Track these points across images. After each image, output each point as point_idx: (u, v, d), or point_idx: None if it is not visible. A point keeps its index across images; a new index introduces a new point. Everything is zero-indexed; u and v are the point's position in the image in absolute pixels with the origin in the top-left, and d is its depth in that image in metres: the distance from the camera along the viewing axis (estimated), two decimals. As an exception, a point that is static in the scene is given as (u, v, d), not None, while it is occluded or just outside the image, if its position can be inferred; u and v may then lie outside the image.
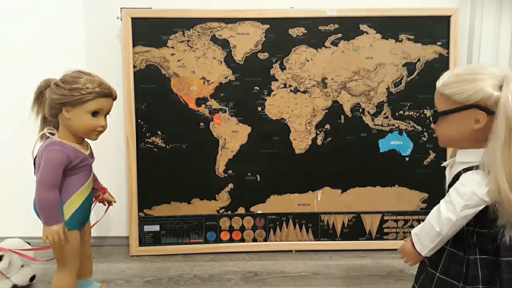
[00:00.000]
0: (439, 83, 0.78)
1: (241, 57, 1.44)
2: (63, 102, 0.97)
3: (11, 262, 1.20)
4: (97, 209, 1.19)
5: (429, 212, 1.21)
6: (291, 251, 1.49)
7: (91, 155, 1.07)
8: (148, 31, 1.41)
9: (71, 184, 1.01)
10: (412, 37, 1.44)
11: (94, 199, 1.10)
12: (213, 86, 1.44)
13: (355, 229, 1.49)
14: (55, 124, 1.04)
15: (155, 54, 1.42)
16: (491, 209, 0.73)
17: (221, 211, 1.48)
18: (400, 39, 1.44)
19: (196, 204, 1.47)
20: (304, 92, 1.45)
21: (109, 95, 1.01)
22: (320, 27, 1.43)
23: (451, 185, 0.78)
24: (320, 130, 1.46)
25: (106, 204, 1.16)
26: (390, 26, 1.43)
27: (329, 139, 1.47)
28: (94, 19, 1.47)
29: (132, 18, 1.40)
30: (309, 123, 1.46)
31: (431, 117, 0.86)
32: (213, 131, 1.45)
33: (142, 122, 1.44)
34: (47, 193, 0.96)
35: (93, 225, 1.17)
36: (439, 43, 1.44)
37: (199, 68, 1.43)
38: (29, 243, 1.27)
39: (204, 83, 1.44)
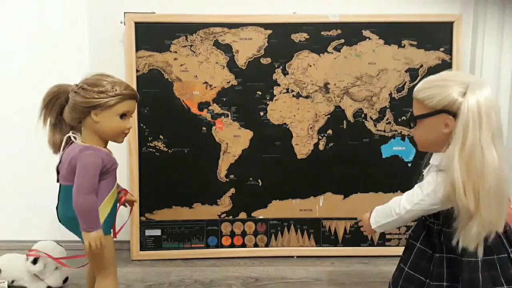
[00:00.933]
0: (419, 87, 0.82)
1: (243, 62, 1.44)
2: (93, 105, 0.96)
3: (46, 264, 1.23)
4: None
5: None
6: (293, 256, 1.48)
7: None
8: (151, 35, 1.42)
9: (102, 188, 0.98)
10: (415, 43, 1.44)
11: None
12: (216, 90, 1.44)
13: (357, 235, 1.48)
14: (68, 129, 1.03)
15: (158, 59, 1.43)
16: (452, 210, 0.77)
17: (222, 216, 1.48)
18: (402, 45, 1.44)
19: (197, 209, 1.47)
20: (306, 97, 1.45)
21: (135, 97, 1.01)
22: (322, 33, 1.43)
23: None
24: (322, 135, 1.46)
25: (128, 205, 1.12)
26: (392, 32, 1.43)
27: (331, 144, 1.46)
28: (98, 23, 1.48)
29: (136, 23, 1.41)
30: (311, 128, 1.46)
31: (409, 122, 0.88)
32: (215, 136, 1.45)
33: (144, 126, 1.45)
34: (87, 198, 0.94)
35: (119, 229, 1.10)
36: (442, 49, 1.44)
37: (202, 72, 1.44)
38: (61, 245, 1.28)
39: (206, 88, 1.44)
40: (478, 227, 0.74)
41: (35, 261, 1.21)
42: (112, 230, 1.04)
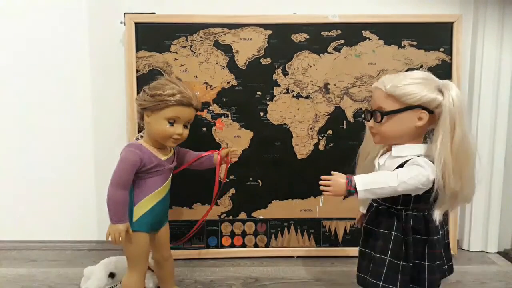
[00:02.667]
0: (386, 85, 0.87)
1: (243, 62, 1.44)
2: (145, 107, 1.03)
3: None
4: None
5: None
6: (293, 257, 1.49)
7: (171, 160, 1.09)
8: (151, 36, 1.42)
9: (145, 186, 1.03)
10: (415, 43, 1.44)
11: (220, 166, 1.11)
12: (216, 91, 1.44)
13: (357, 235, 1.48)
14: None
15: (158, 59, 1.43)
16: (428, 194, 0.87)
17: (222, 216, 1.48)
18: (402, 45, 1.44)
19: (197, 209, 1.47)
20: (307, 97, 1.45)
21: (188, 104, 1.02)
22: (322, 33, 1.43)
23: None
24: (322, 135, 1.46)
25: (226, 162, 1.15)
26: (392, 32, 1.43)
27: (331, 144, 1.46)
28: (98, 24, 1.48)
29: (136, 23, 1.41)
30: (311, 128, 1.46)
31: (371, 117, 0.91)
32: (215, 136, 1.46)
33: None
34: (116, 191, 0.99)
35: (187, 237, 1.23)
36: (442, 49, 1.44)
37: (202, 73, 1.44)
38: None
39: (206, 88, 1.44)
40: (459, 203, 0.89)
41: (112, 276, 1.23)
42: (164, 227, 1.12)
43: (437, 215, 0.88)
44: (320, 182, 0.89)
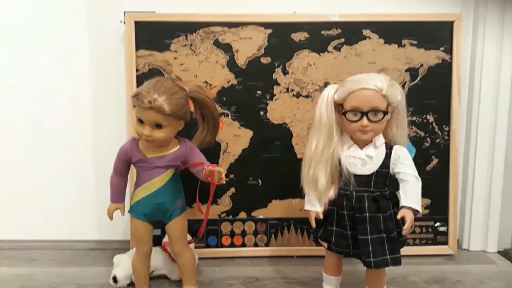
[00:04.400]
0: (381, 88, 0.97)
1: (243, 61, 1.44)
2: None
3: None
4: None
5: (432, 218, 1.30)
6: (293, 256, 1.48)
7: (165, 159, 1.10)
8: (151, 35, 1.42)
9: (138, 178, 1.13)
10: (415, 42, 1.43)
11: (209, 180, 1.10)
12: (216, 90, 1.44)
13: (357, 234, 1.48)
14: None
15: (158, 58, 1.43)
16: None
17: (222, 215, 1.48)
18: (403, 44, 1.44)
19: (197, 208, 1.46)
20: (307, 96, 1.45)
21: (146, 107, 1.02)
22: (322, 32, 1.43)
23: (386, 161, 1.02)
24: (322, 135, 1.46)
25: (211, 181, 1.10)
26: (393, 31, 1.43)
27: (332, 144, 1.46)
28: (98, 22, 1.48)
29: (135, 22, 1.41)
30: (311, 127, 1.46)
31: (362, 116, 1.00)
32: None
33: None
34: (112, 175, 1.16)
35: (202, 230, 1.22)
36: (442, 48, 1.44)
37: (202, 72, 1.43)
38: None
39: (206, 87, 1.44)
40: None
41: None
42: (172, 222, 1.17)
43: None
44: (407, 231, 0.99)
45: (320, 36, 1.43)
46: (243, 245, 1.49)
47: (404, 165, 1.02)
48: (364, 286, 1.15)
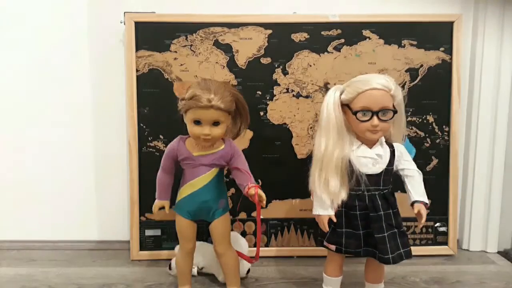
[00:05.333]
0: (390, 88, 0.99)
1: (243, 62, 1.44)
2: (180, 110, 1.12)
3: None
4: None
5: (432, 218, 1.30)
6: (293, 257, 1.48)
7: (210, 158, 1.13)
8: (151, 35, 1.42)
9: (184, 176, 1.15)
10: (415, 42, 1.44)
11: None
12: (216, 90, 1.44)
13: (357, 235, 1.48)
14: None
15: (158, 58, 1.43)
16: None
17: (222, 215, 1.48)
18: (403, 44, 1.44)
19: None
20: (307, 97, 1.45)
21: (200, 106, 1.05)
22: (322, 32, 1.43)
23: (391, 159, 1.05)
24: (322, 135, 1.46)
25: (254, 201, 1.10)
26: (393, 32, 1.43)
27: (331, 144, 1.46)
28: (98, 23, 1.48)
29: (136, 22, 1.41)
30: (311, 128, 1.46)
31: (372, 115, 1.00)
32: (215, 136, 1.45)
33: (144, 126, 1.45)
34: (159, 172, 1.19)
35: (257, 253, 1.14)
36: (442, 48, 1.44)
37: (202, 72, 1.44)
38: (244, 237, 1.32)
39: (206, 88, 1.44)
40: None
41: None
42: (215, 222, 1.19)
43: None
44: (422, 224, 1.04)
45: (320, 36, 1.43)
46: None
47: (407, 161, 1.07)
48: (363, 286, 1.15)
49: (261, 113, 1.46)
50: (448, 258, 1.48)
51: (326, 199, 1.02)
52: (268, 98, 1.45)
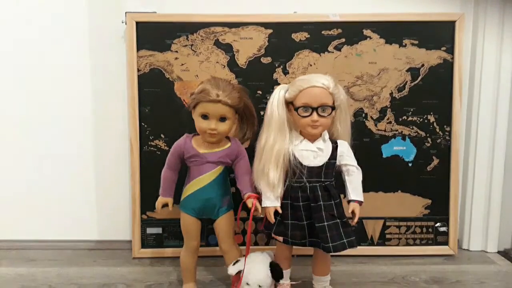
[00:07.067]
0: (329, 86, 1.06)
1: (244, 62, 1.44)
2: (189, 107, 1.16)
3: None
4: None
5: (432, 218, 1.30)
6: (293, 256, 1.48)
7: (217, 155, 1.15)
8: (152, 35, 1.42)
9: (190, 173, 1.17)
10: (416, 42, 1.44)
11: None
12: (216, 90, 1.44)
13: (356, 234, 1.47)
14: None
15: (159, 58, 1.43)
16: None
17: (223, 215, 1.48)
18: (404, 44, 1.44)
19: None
20: (307, 96, 1.45)
21: (212, 100, 1.08)
22: (323, 32, 1.43)
23: (334, 154, 1.12)
24: (323, 135, 1.46)
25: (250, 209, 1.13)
26: (394, 31, 1.43)
27: (332, 144, 1.46)
28: (99, 23, 1.48)
29: (137, 22, 1.41)
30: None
31: (312, 111, 1.07)
32: (215, 135, 1.45)
33: (145, 125, 1.45)
34: (164, 169, 1.19)
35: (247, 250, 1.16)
36: (443, 48, 1.44)
37: (203, 72, 1.44)
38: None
39: (207, 87, 1.44)
40: None
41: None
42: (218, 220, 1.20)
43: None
44: (355, 223, 1.11)
45: (321, 36, 1.43)
46: (243, 244, 1.49)
47: (350, 157, 1.14)
48: (363, 286, 1.15)
49: (262, 113, 1.45)
50: (448, 258, 1.48)
51: (266, 191, 1.09)
52: (268, 97, 1.44)
